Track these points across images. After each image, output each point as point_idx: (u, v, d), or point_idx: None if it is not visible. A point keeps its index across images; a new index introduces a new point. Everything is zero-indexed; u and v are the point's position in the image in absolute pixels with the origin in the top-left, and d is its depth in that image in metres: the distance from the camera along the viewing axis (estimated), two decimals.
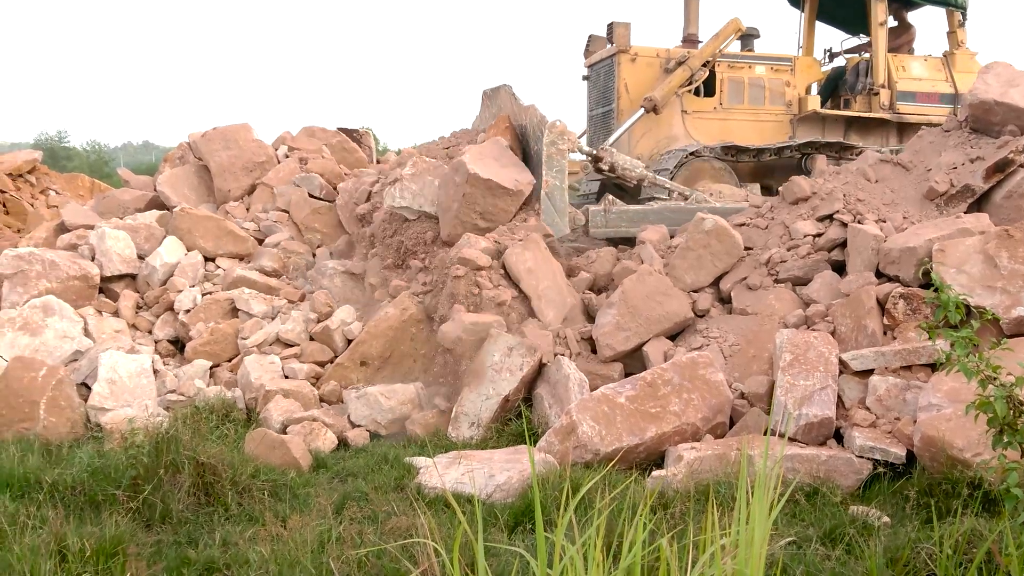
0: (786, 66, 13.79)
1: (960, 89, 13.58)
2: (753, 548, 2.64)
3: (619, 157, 10.97)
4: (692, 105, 13.20)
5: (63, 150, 40.36)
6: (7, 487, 5.67)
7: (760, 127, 13.45)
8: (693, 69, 12.76)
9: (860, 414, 6.41)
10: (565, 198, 9.61)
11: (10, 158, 17.92)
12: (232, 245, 10.38)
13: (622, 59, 13.01)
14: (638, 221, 10.16)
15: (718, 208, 10.60)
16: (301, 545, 4.71)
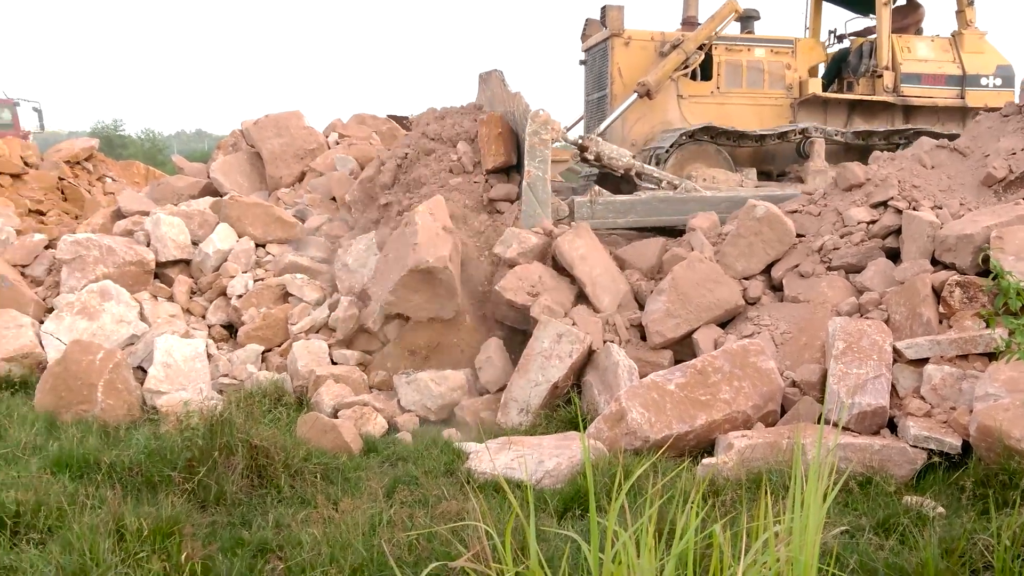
0: (787, 48, 13.31)
1: (968, 70, 13.16)
2: (807, 536, 2.62)
3: (605, 146, 10.75)
4: (688, 89, 12.81)
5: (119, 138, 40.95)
6: (67, 467, 5.79)
7: (759, 111, 13.03)
8: (688, 52, 12.39)
9: (915, 403, 6.32)
10: (548, 189, 9.48)
11: (68, 146, 18.24)
12: (281, 231, 10.48)
13: (615, 43, 12.66)
14: (625, 212, 10.01)
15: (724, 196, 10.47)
16: (353, 528, 4.76)
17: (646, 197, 10.31)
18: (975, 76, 13.15)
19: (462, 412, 7.64)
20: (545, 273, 8.52)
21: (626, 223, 10.09)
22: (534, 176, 9.39)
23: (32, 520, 4.91)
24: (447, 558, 4.01)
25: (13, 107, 26.06)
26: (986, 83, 13.13)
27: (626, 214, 10.02)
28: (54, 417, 7.05)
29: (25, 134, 25.27)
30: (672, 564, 2.70)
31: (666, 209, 10.16)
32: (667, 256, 8.81)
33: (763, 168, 12.64)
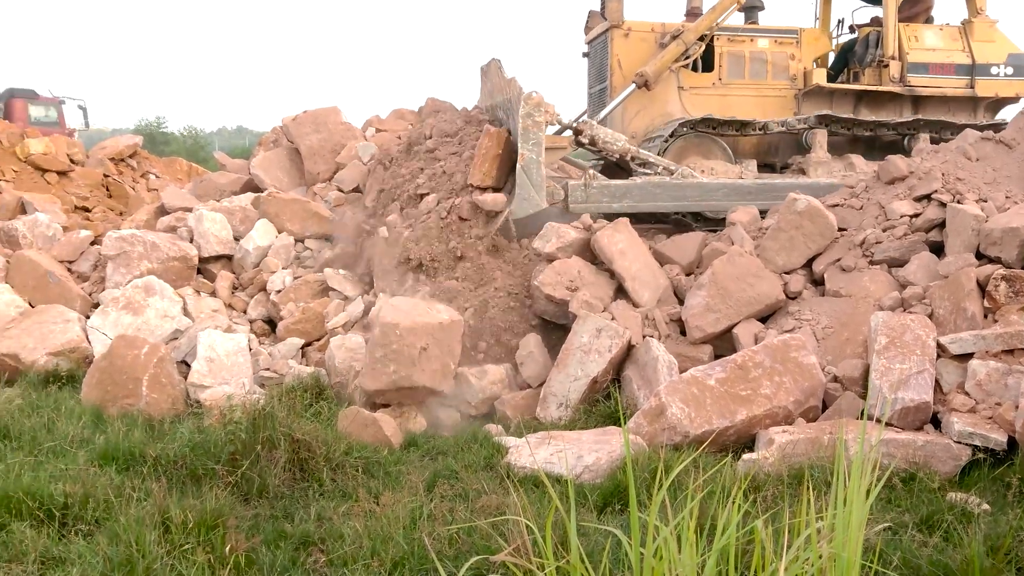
0: (791, 39, 13.04)
1: (978, 59, 12.80)
2: (851, 532, 2.60)
3: (600, 130, 10.57)
4: (689, 81, 12.61)
5: (161, 135, 41.45)
6: (113, 460, 5.88)
7: (762, 103, 12.78)
8: (688, 44, 12.18)
9: (959, 399, 6.25)
10: (542, 171, 9.31)
11: (112, 143, 18.52)
12: (317, 226, 10.49)
13: (615, 34, 12.51)
14: (620, 196, 9.88)
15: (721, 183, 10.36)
16: (394, 521, 4.80)
17: (641, 182, 10.16)
18: (985, 65, 12.81)
19: (502, 406, 7.66)
20: (584, 268, 8.51)
21: (621, 208, 9.93)
22: (528, 159, 9.22)
23: (80, 512, 5.00)
24: (487, 552, 4.03)
25: (59, 105, 26.44)
26: (996, 72, 12.79)
27: (621, 199, 9.89)
28: (100, 410, 7.16)
29: (70, 132, 25.67)
30: (713, 559, 2.69)
31: (662, 195, 10.04)
32: (707, 250, 8.77)
33: (767, 160, 12.43)
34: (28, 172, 15.59)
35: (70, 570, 4.37)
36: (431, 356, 7.19)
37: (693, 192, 10.16)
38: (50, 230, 11.14)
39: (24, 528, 4.75)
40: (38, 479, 5.30)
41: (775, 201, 10.17)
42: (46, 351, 8.59)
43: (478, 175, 9.43)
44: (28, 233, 10.86)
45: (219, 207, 10.75)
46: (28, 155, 15.78)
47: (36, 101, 26.02)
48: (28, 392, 7.69)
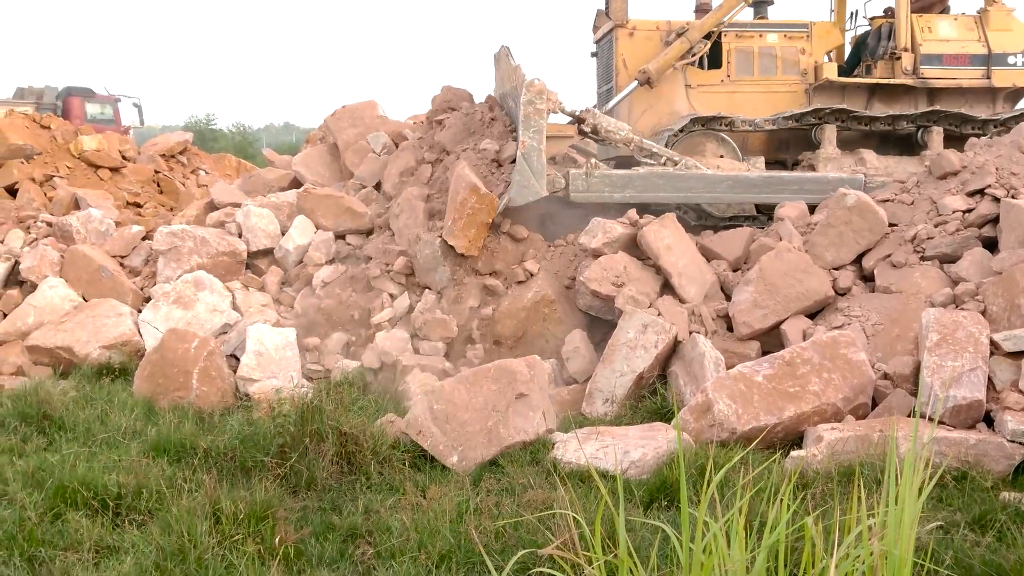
0: (801, 32, 12.67)
1: (994, 49, 12.33)
2: (903, 530, 2.57)
3: (603, 119, 10.40)
4: (696, 78, 12.35)
5: (210, 132, 41.93)
6: (165, 452, 5.99)
7: (772, 98, 12.42)
8: (692, 41, 11.94)
9: (1012, 397, 6.14)
10: (543, 159, 9.23)
11: (163, 140, 18.80)
12: (351, 221, 10.41)
13: (620, 34, 12.28)
14: (622, 186, 9.78)
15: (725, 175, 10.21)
16: (440, 515, 4.83)
17: (644, 172, 10.05)
18: (1001, 55, 12.34)
19: None
20: (630, 263, 8.49)
21: (623, 198, 9.87)
22: (528, 146, 9.16)
23: (133, 502, 5.10)
24: (534, 546, 4.04)
25: (115, 103, 26.87)
26: (1014, 61, 12.29)
27: (623, 188, 9.80)
28: (152, 403, 7.29)
29: (126, 129, 26.08)
30: (764, 556, 2.68)
31: (665, 185, 9.92)
32: (754, 246, 8.70)
33: (777, 156, 12.16)
34: (82, 168, 15.87)
35: (124, 559, 4.46)
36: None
37: (697, 184, 10.04)
38: (103, 225, 11.32)
39: (79, 517, 4.86)
40: (92, 470, 5.42)
41: (780, 195, 10.08)
42: (99, 344, 8.76)
43: (464, 241, 8.98)
44: (82, 228, 11.05)
45: (265, 203, 10.85)
46: (81, 152, 16.06)
47: (93, 99, 26.47)
48: (82, 384, 7.85)
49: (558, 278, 8.95)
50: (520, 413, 6.13)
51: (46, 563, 4.48)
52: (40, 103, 24.60)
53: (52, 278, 9.71)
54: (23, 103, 24.00)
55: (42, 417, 6.70)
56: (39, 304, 9.37)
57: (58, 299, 9.43)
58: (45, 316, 9.24)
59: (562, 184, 9.68)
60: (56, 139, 16.24)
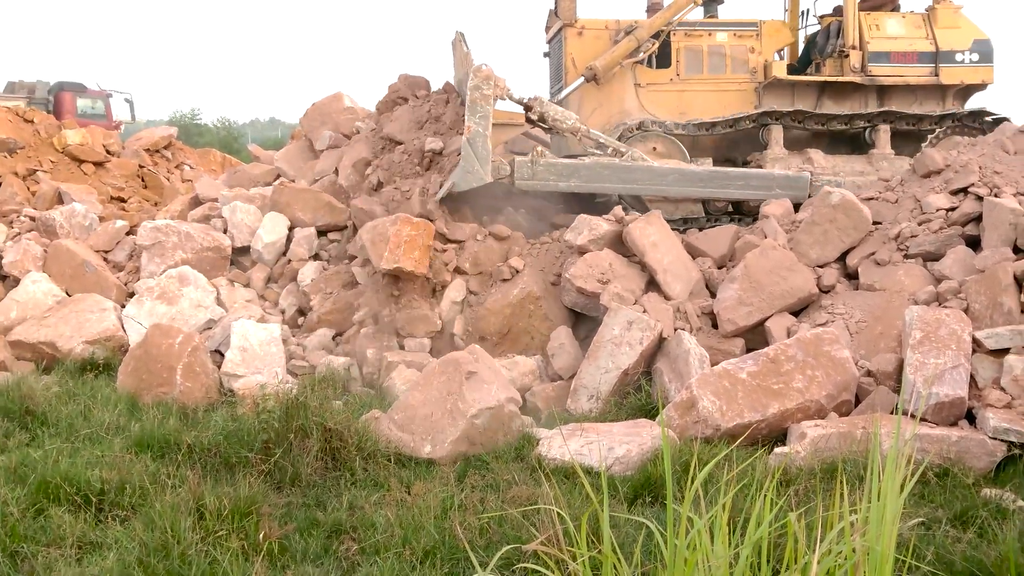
0: (751, 31, 12.67)
1: (941, 46, 12.37)
2: (885, 526, 2.59)
3: (550, 107, 10.41)
4: (646, 77, 12.33)
5: (195, 127, 41.75)
6: (148, 448, 5.96)
7: (721, 97, 12.44)
8: (640, 40, 11.94)
9: (994, 395, 6.19)
10: (488, 145, 9.27)
11: (148, 135, 18.72)
12: (329, 216, 10.38)
13: (568, 33, 12.28)
14: (567, 176, 9.80)
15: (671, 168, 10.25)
16: (425, 511, 4.83)
17: (590, 162, 10.05)
18: (949, 52, 12.37)
19: (533, 398, 7.67)
20: (616, 260, 8.50)
21: (568, 187, 9.92)
22: (474, 132, 9.19)
23: (116, 498, 5.08)
24: (518, 542, 4.04)
25: (106, 99, 26.85)
26: (961, 59, 12.34)
27: (568, 178, 9.82)
28: (135, 398, 7.25)
29: (117, 124, 26.14)
30: (747, 552, 2.69)
31: (610, 176, 9.95)
32: (739, 243, 8.73)
33: (728, 156, 12.15)
34: (65, 163, 15.79)
35: (107, 555, 4.44)
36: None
37: (643, 176, 10.06)
38: (87, 220, 11.27)
39: (62, 513, 4.83)
40: (75, 465, 5.39)
41: (726, 190, 10.22)
42: (83, 339, 8.72)
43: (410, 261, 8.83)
44: (65, 223, 11.00)
45: (242, 194, 10.82)
46: (65, 146, 15.98)
47: (84, 94, 26.38)
48: (65, 379, 7.80)
49: (544, 275, 8.95)
50: (474, 388, 6.29)
51: (28, 559, 4.45)
52: (32, 97, 24.54)
53: (35, 273, 9.66)
54: (14, 97, 23.90)
55: (25, 412, 6.66)
56: (22, 299, 9.32)
57: (41, 294, 9.38)
58: (28, 311, 9.19)
59: (507, 171, 9.69)
60: (40, 133, 16.15)
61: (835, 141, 12.21)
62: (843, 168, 11.34)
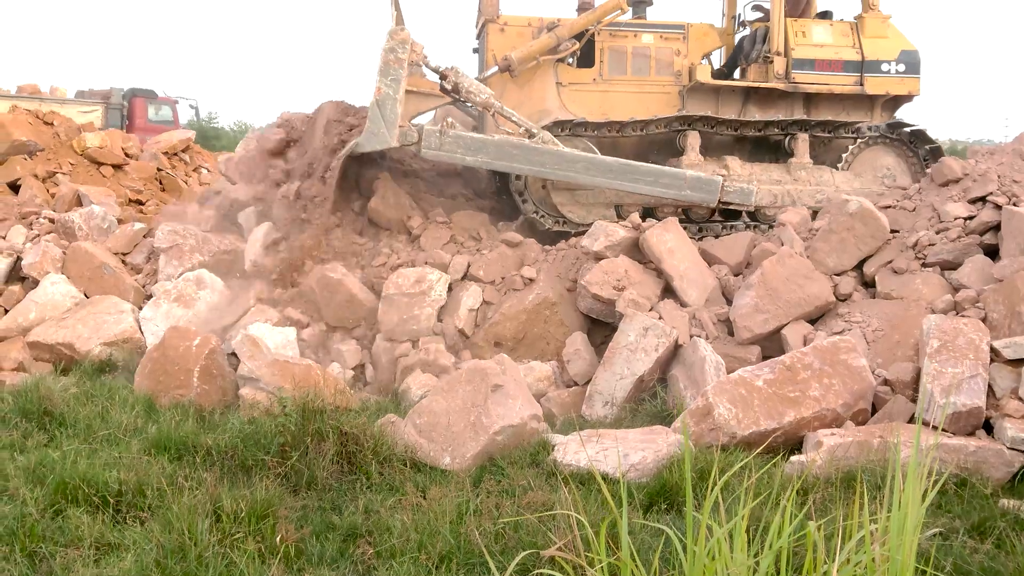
0: (677, 34, 12.40)
1: (867, 56, 12.13)
2: (905, 536, 2.58)
3: (464, 79, 10.30)
4: (568, 76, 12.06)
5: (212, 130, 41.94)
6: (165, 450, 5.99)
7: (644, 99, 12.15)
8: (560, 38, 11.70)
9: (1012, 404, 6.15)
10: (396, 109, 9.20)
11: (166, 138, 18.80)
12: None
13: (491, 29, 12.07)
14: (475, 151, 9.73)
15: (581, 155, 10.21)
16: (440, 515, 4.83)
17: (499, 139, 9.98)
18: (875, 62, 12.12)
19: (548, 404, 7.67)
20: (632, 267, 8.50)
21: (475, 162, 9.90)
22: (384, 94, 9.12)
23: (134, 499, 5.11)
24: (535, 548, 4.04)
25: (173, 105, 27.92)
26: (887, 69, 12.09)
27: (476, 153, 9.77)
28: (152, 400, 7.28)
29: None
30: (768, 560, 2.69)
31: (518, 156, 9.88)
32: (756, 251, 8.72)
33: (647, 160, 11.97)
34: (84, 165, 15.86)
35: (124, 555, 4.47)
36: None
37: (550, 159, 9.97)
38: (105, 222, 11.33)
39: (80, 514, 4.86)
40: (93, 466, 5.42)
41: (635, 184, 10.18)
42: (100, 341, 8.77)
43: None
44: (84, 225, 11.06)
45: None
46: (84, 149, 16.06)
47: (155, 101, 27.38)
48: (83, 381, 7.86)
49: (560, 280, 8.95)
50: (499, 403, 6.26)
51: (47, 559, 4.49)
52: (108, 103, 25.35)
53: (54, 274, 9.71)
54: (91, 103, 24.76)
55: (43, 413, 6.70)
56: (41, 300, 9.38)
57: (60, 295, 9.44)
58: (47, 312, 9.25)
59: (414, 138, 9.62)
60: (59, 136, 16.23)
61: (756, 149, 12.01)
62: (760, 176, 11.15)
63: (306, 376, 7.18)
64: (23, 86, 23.88)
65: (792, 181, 11.23)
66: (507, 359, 6.80)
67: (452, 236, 9.87)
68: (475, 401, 6.25)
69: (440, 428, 6.16)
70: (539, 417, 6.59)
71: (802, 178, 11.25)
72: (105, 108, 24.67)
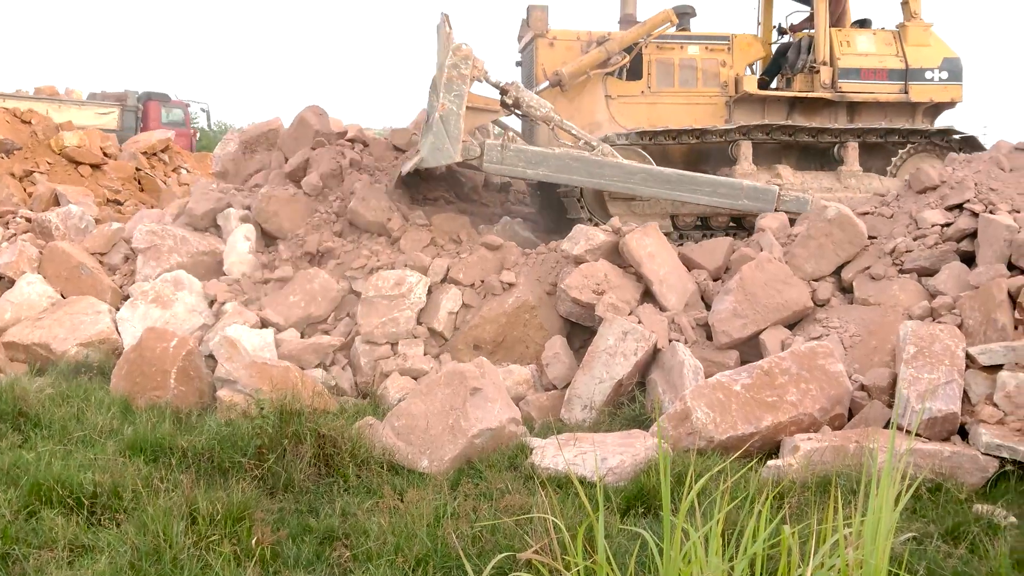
0: (722, 45, 12.59)
1: (911, 64, 12.28)
2: (878, 540, 2.60)
3: (525, 93, 10.41)
4: (616, 89, 12.20)
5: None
6: (141, 451, 5.95)
7: (692, 111, 12.33)
8: (610, 52, 11.87)
9: (987, 410, 6.21)
10: (460, 124, 9.28)
11: (145, 138, 18.74)
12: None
13: (540, 44, 12.19)
14: (536, 164, 9.82)
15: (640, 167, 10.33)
16: (418, 518, 4.83)
17: (560, 152, 10.07)
18: (919, 70, 12.28)
19: (527, 407, 7.67)
20: (611, 271, 8.52)
21: (535, 175, 9.99)
22: (448, 110, 9.19)
23: (109, 501, 5.07)
24: (511, 551, 4.04)
25: (185, 108, 28.46)
26: (931, 77, 12.26)
27: (537, 166, 9.84)
28: (129, 402, 7.23)
29: (194, 132, 28.18)
30: (743, 564, 2.70)
31: (579, 168, 9.97)
32: (735, 256, 8.76)
33: (696, 170, 12.13)
34: (62, 164, 15.78)
35: (99, 558, 4.43)
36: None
37: (611, 171, 10.07)
38: (83, 222, 11.26)
39: (54, 516, 4.82)
40: (68, 468, 5.38)
41: (693, 195, 10.28)
42: (76, 342, 8.70)
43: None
44: (61, 225, 10.99)
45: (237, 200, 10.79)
46: (62, 148, 15.97)
47: (168, 104, 27.86)
48: (58, 382, 7.78)
49: (540, 284, 8.96)
50: (477, 406, 6.27)
51: (20, 561, 4.44)
52: (124, 106, 25.70)
53: (30, 274, 9.63)
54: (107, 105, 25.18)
55: (17, 414, 6.63)
56: (16, 300, 9.29)
57: (36, 295, 9.36)
58: (22, 312, 9.17)
59: (476, 153, 9.67)
60: (37, 135, 16.14)
61: (804, 158, 12.20)
62: (811, 184, 11.33)
63: (284, 378, 7.15)
64: (41, 88, 24.08)
65: (843, 188, 11.37)
66: (486, 362, 6.81)
67: (432, 239, 9.85)
68: (454, 404, 6.25)
69: (418, 431, 6.15)
70: (518, 420, 6.59)
71: (852, 185, 11.42)
72: (121, 110, 25.18)
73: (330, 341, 8.70)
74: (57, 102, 22.97)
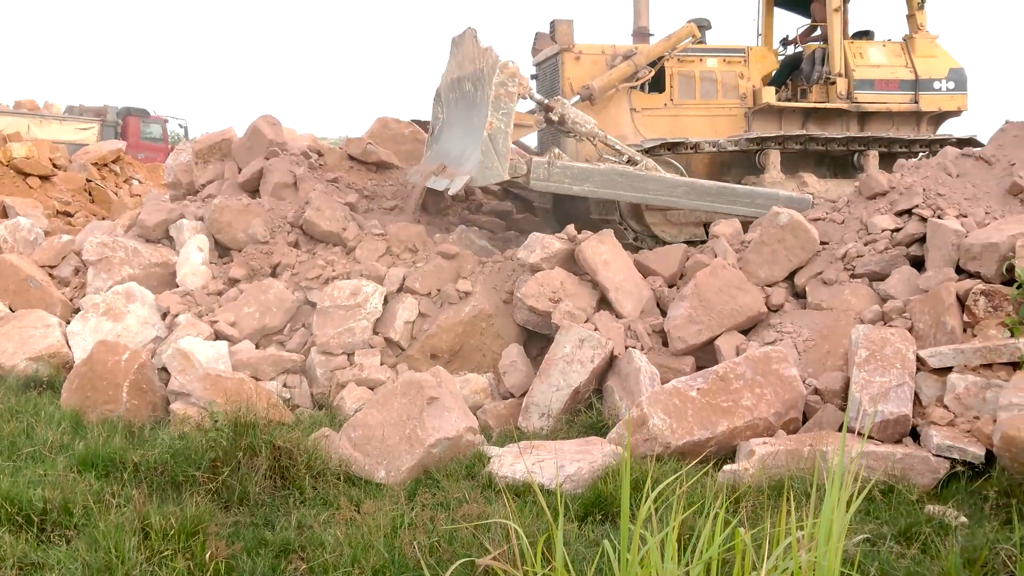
0: (739, 57, 12.96)
1: (920, 74, 12.82)
2: (831, 542, 2.63)
3: (570, 109, 10.55)
4: (641, 102, 12.50)
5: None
6: (93, 466, 5.86)
7: (713, 122, 12.70)
8: (638, 66, 12.16)
9: (938, 412, 6.30)
10: (508, 143, 9.35)
11: (96, 148, 18.49)
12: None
13: (566, 58, 12.41)
14: (582, 180, 9.91)
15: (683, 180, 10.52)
16: (375, 529, 4.80)
17: (605, 168, 10.18)
18: (928, 80, 12.84)
19: (484, 416, 7.66)
20: (567, 279, 8.53)
21: (581, 191, 10.05)
22: (496, 128, 9.22)
23: (59, 518, 4.99)
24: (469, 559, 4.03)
25: (163, 124, 28.52)
26: (939, 87, 12.83)
27: (583, 182, 9.92)
28: (80, 416, 7.12)
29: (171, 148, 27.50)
30: (698, 568, 2.71)
31: (624, 184, 10.08)
32: (690, 262, 8.82)
33: (721, 179, 12.16)
34: (10, 176, 15.52)
35: (49, 575, 4.35)
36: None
37: (655, 186, 10.21)
38: (32, 234, 11.08)
39: (3, 533, 4.73)
40: (17, 484, 5.28)
41: (732, 206, 10.40)
42: (26, 356, 8.54)
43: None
44: (9, 237, 10.81)
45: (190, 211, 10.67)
46: (10, 159, 15.71)
47: (147, 120, 28.03)
48: (7, 397, 7.65)
49: (496, 292, 8.95)
50: (434, 415, 6.25)
51: None
52: (104, 121, 25.81)
53: None
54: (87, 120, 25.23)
55: None
56: None
57: None
58: None
59: (523, 170, 9.71)
60: None
61: (820, 166, 12.50)
62: (835, 192, 11.60)
63: (238, 390, 7.07)
64: (21, 101, 23.78)
65: None
66: (443, 371, 6.80)
67: (388, 248, 9.80)
68: (410, 414, 6.23)
69: (375, 441, 6.12)
70: (475, 429, 6.59)
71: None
72: (101, 125, 25.31)
73: (290, 356, 8.62)
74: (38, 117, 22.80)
